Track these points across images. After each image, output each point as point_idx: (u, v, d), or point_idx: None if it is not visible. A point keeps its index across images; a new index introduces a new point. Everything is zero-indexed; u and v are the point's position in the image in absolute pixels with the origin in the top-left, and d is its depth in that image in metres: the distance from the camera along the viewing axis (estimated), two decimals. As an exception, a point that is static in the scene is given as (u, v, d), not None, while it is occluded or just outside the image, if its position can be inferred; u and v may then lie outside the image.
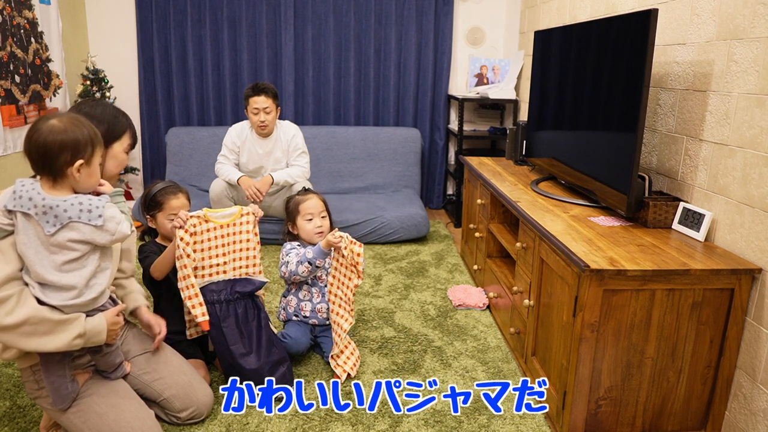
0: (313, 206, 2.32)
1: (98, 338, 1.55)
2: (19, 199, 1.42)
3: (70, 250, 1.45)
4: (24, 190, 1.43)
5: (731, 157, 1.84)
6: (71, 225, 1.44)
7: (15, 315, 1.40)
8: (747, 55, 1.76)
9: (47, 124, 1.42)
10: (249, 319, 1.96)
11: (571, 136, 2.53)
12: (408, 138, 4.32)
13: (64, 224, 1.43)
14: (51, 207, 1.42)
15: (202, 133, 4.20)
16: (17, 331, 1.42)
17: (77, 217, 1.44)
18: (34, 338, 1.44)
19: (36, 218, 1.42)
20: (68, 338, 1.47)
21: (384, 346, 2.41)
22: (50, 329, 1.45)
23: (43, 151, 1.40)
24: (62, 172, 1.43)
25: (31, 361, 1.63)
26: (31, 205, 1.41)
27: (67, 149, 1.42)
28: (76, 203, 1.44)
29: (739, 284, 1.71)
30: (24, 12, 3.44)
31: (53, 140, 1.40)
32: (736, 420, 1.80)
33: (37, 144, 1.40)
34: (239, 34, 4.28)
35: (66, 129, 1.42)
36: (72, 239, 1.44)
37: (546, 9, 3.58)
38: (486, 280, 2.89)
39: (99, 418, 1.63)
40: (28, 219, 1.42)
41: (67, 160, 1.42)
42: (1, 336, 1.43)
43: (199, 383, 1.91)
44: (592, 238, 1.91)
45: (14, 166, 3.44)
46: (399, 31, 4.38)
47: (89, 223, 1.45)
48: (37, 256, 1.43)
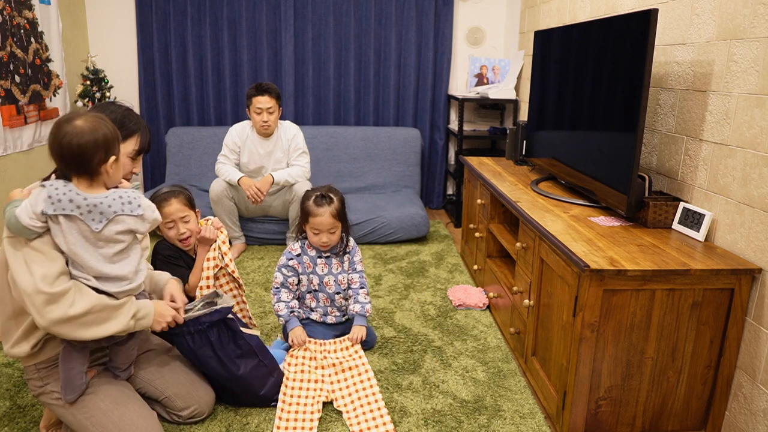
0: (321, 223, 2.20)
1: (146, 320, 1.64)
2: (58, 202, 1.45)
3: (117, 242, 1.53)
4: (60, 193, 1.45)
5: (731, 157, 1.84)
6: (117, 218, 1.51)
7: (78, 305, 1.46)
8: (747, 55, 1.76)
9: (74, 126, 1.45)
10: (224, 343, 1.89)
11: (571, 136, 2.53)
12: (408, 138, 4.32)
13: (110, 219, 1.50)
14: (95, 205, 1.48)
15: (202, 133, 4.20)
16: (80, 321, 1.48)
17: (121, 210, 1.51)
18: (94, 326, 1.51)
19: (81, 218, 1.47)
20: (125, 320, 1.55)
21: (384, 346, 2.41)
22: (109, 315, 1.53)
23: (78, 153, 1.44)
24: (98, 170, 1.48)
25: (36, 359, 1.64)
26: (74, 206, 1.46)
27: (101, 148, 1.47)
28: (116, 197, 1.51)
29: (739, 284, 1.71)
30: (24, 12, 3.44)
31: (86, 141, 1.44)
32: (736, 420, 1.80)
33: (70, 147, 1.44)
34: (239, 34, 4.28)
35: (95, 128, 1.46)
36: (119, 231, 1.52)
37: (546, 9, 3.58)
38: (486, 280, 2.89)
39: (103, 414, 1.64)
40: (71, 219, 1.47)
41: (102, 158, 1.48)
42: (62, 327, 1.47)
43: (200, 382, 1.91)
44: (592, 238, 1.91)
45: (14, 166, 3.44)
46: (399, 31, 4.38)
47: (132, 214, 1.53)
48: (87, 252, 1.49)
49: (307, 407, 1.94)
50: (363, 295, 2.32)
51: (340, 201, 2.25)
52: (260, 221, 3.59)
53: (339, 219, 2.23)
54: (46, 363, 1.65)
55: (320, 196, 2.23)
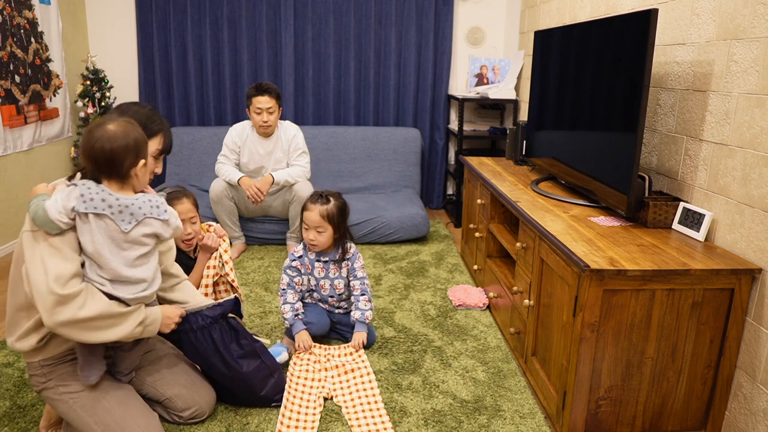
0: (309, 219, 2.25)
1: (154, 327, 1.65)
2: (90, 201, 1.48)
3: (142, 245, 1.56)
4: (93, 193, 1.49)
5: (731, 157, 1.84)
6: (145, 221, 1.55)
7: (88, 309, 1.48)
8: (747, 55, 1.76)
9: (106, 130, 1.49)
10: (226, 342, 1.89)
11: (571, 136, 2.53)
12: (408, 138, 4.32)
13: (139, 221, 1.54)
14: (126, 206, 1.52)
15: (202, 133, 4.20)
16: (87, 325, 1.49)
17: (150, 212, 1.56)
18: (100, 330, 1.52)
19: (112, 217, 1.50)
20: (131, 327, 1.56)
21: (384, 346, 2.41)
22: (117, 321, 1.54)
23: (110, 158, 1.49)
24: (128, 174, 1.53)
25: (40, 355, 1.64)
26: (105, 205, 1.49)
27: (131, 152, 1.52)
28: (146, 200, 1.56)
29: (739, 284, 1.71)
30: (24, 12, 3.44)
31: (118, 146, 1.49)
32: (736, 420, 1.80)
33: (103, 151, 1.48)
34: (239, 34, 4.28)
35: (126, 133, 1.51)
36: (145, 234, 1.55)
37: (546, 9, 3.58)
38: (486, 280, 2.89)
39: (107, 413, 1.65)
40: (101, 218, 1.50)
41: (132, 162, 1.53)
42: (68, 329, 1.48)
43: (201, 382, 1.91)
44: (592, 238, 1.91)
45: (14, 166, 3.44)
46: (399, 31, 4.38)
47: (158, 218, 1.58)
48: (111, 254, 1.51)
49: (309, 404, 1.97)
50: (364, 302, 2.34)
51: (337, 207, 2.27)
52: (260, 221, 3.59)
53: (329, 221, 2.24)
54: (50, 360, 1.66)
55: (318, 194, 2.29)
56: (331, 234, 2.27)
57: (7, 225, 3.42)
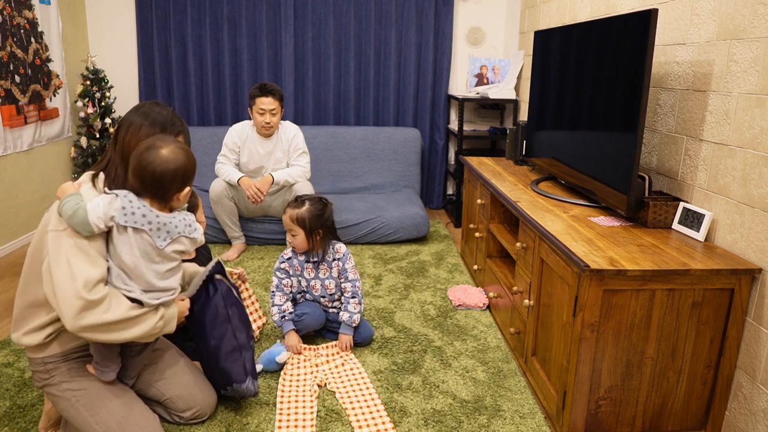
0: (284, 221, 2.34)
1: (173, 323, 1.68)
2: (131, 215, 1.52)
3: (172, 260, 1.62)
4: (135, 207, 1.53)
5: (731, 157, 1.84)
6: (179, 239, 1.61)
7: (112, 313, 1.50)
8: (747, 55, 1.76)
9: (159, 155, 1.53)
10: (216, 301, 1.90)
11: (571, 136, 2.53)
12: (408, 138, 4.32)
13: (174, 239, 1.59)
14: (165, 224, 1.57)
15: (202, 133, 4.20)
16: (109, 327, 1.51)
17: (183, 231, 1.61)
18: (121, 331, 1.54)
19: (149, 233, 1.55)
20: (152, 323, 1.59)
21: (384, 346, 2.41)
22: (138, 321, 1.56)
23: (159, 182, 1.54)
24: (171, 198, 1.59)
25: (45, 351, 1.65)
26: (145, 221, 1.54)
27: (178, 179, 1.57)
28: (181, 219, 1.62)
29: (739, 284, 1.71)
30: (24, 12, 3.44)
31: (168, 172, 1.54)
32: (736, 420, 1.80)
33: (153, 175, 1.53)
34: (239, 34, 4.28)
35: (177, 160, 1.55)
36: (176, 250, 1.61)
37: (546, 9, 3.58)
38: (486, 280, 2.89)
39: (109, 414, 1.65)
40: (138, 233, 1.54)
41: (179, 188, 1.59)
42: (90, 332, 1.50)
43: (202, 383, 1.91)
44: (592, 238, 1.91)
45: (14, 166, 3.44)
46: (399, 31, 4.38)
47: (190, 236, 1.64)
48: (146, 267, 1.56)
49: (306, 396, 2.01)
50: (353, 304, 2.36)
51: (309, 211, 2.29)
52: (260, 221, 3.59)
53: (298, 224, 2.29)
54: (54, 357, 1.66)
55: (297, 198, 2.36)
56: (304, 237, 2.30)
57: (7, 225, 3.42)
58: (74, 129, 4.16)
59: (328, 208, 2.36)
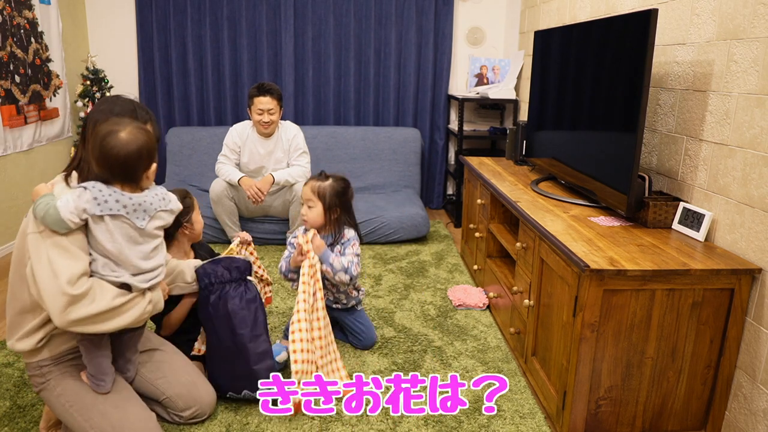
0: (303, 192, 2.28)
1: (160, 305, 1.70)
2: (105, 203, 1.51)
3: (154, 237, 1.63)
4: (106, 195, 1.52)
5: (731, 157, 1.84)
6: (157, 215, 1.61)
7: (98, 303, 1.50)
8: (747, 55, 1.76)
9: (118, 139, 1.52)
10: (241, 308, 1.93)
11: (571, 136, 2.53)
12: (408, 138, 4.32)
13: (152, 216, 1.59)
14: (140, 203, 1.57)
15: (202, 133, 4.20)
16: (99, 317, 1.51)
17: (159, 206, 1.62)
18: (113, 319, 1.54)
19: (127, 216, 1.54)
20: (142, 308, 1.60)
21: (384, 346, 2.41)
22: (127, 307, 1.57)
23: (124, 165, 1.53)
24: (141, 178, 1.58)
25: (39, 355, 1.65)
26: (120, 206, 1.53)
27: (144, 158, 1.56)
28: (154, 194, 1.62)
29: (739, 284, 1.71)
30: (24, 12, 3.44)
31: (132, 153, 1.53)
32: (736, 420, 1.80)
33: (117, 159, 1.52)
34: (239, 34, 4.28)
35: (138, 139, 1.54)
36: (157, 226, 1.62)
37: (546, 9, 3.58)
38: (486, 280, 2.89)
39: (102, 417, 1.64)
40: (117, 219, 1.54)
41: (146, 167, 1.58)
42: (80, 326, 1.50)
43: (202, 382, 1.91)
44: (592, 238, 1.91)
45: (14, 166, 3.44)
46: (399, 31, 4.38)
47: (166, 209, 1.64)
48: (131, 251, 1.56)
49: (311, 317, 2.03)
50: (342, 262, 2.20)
51: (332, 186, 2.24)
52: (260, 221, 3.59)
53: (319, 197, 2.23)
54: (48, 360, 1.66)
55: (320, 173, 2.31)
56: (321, 211, 2.23)
57: (7, 225, 3.42)
58: (74, 129, 4.17)
59: (350, 189, 2.31)
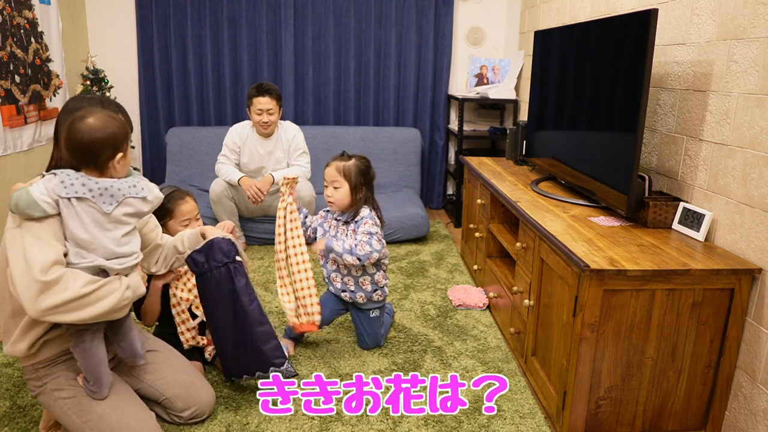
0: (326, 173, 2.26)
1: (141, 290, 1.67)
2: (71, 186, 1.52)
3: (125, 224, 1.60)
4: (73, 178, 1.53)
5: (731, 157, 1.84)
6: (125, 201, 1.59)
7: (71, 290, 1.48)
8: (747, 55, 1.76)
9: (85, 123, 1.52)
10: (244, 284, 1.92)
11: (571, 136, 2.53)
12: (408, 138, 4.32)
13: (120, 201, 1.57)
14: (106, 188, 1.55)
15: (202, 133, 4.20)
16: (74, 305, 1.49)
17: (129, 193, 1.59)
18: (89, 307, 1.52)
19: (93, 200, 1.53)
20: (119, 294, 1.57)
21: (384, 346, 2.41)
22: (104, 293, 1.54)
23: (87, 150, 1.53)
24: (105, 165, 1.56)
25: (34, 359, 1.64)
26: (86, 189, 1.53)
27: (108, 146, 1.54)
28: (125, 181, 1.60)
29: (739, 284, 1.71)
30: (24, 12, 3.44)
31: (96, 139, 1.52)
32: (736, 420, 1.80)
33: (81, 143, 1.52)
34: (239, 34, 4.28)
35: (105, 127, 1.54)
36: (126, 213, 1.60)
37: (546, 9, 3.58)
38: (486, 280, 2.89)
39: (100, 419, 1.64)
40: (83, 202, 1.53)
41: (110, 155, 1.55)
42: (54, 314, 1.48)
43: (201, 382, 1.91)
44: (592, 238, 1.91)
45: (14, 166, 3.44)
46: (399, 31, 4.37)
47: (137, 197, 1.61)
48: (103, 236, 1.56)
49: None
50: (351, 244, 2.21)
51: (356, 165, 2.24)
52: (260, 221, 3.59)
53: (344, 176, 2.22)
54: (44, 362, 1.66)
55: (342, 153, 2.30)
56: (348, 191, 2.22)
57: (7, 225, 3.42)
58: (74, 129, 4.16)
59: (372, 168, 2.30)
